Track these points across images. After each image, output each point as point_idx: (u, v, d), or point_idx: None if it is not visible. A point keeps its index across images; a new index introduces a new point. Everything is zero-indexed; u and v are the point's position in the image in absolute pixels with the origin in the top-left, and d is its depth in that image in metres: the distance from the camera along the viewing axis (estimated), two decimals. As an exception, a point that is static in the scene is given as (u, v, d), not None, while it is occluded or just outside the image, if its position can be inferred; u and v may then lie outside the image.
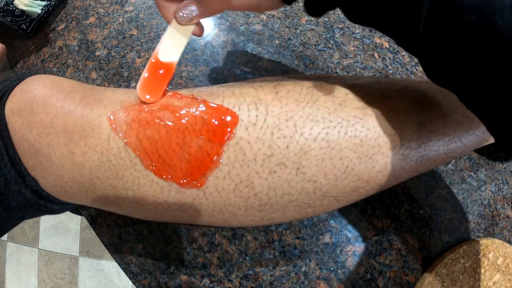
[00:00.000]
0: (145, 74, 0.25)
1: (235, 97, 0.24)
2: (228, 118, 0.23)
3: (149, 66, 0.25)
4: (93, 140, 0.23)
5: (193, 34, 0.28)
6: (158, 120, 0.23)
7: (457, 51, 0.17)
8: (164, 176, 0.22)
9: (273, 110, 0.23)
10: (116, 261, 0.34)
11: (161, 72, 0.25)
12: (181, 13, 0.25)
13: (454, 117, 0.26)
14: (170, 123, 0.22)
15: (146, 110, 0.23)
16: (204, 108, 0.23)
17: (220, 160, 0.22)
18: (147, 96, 0.24)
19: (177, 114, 0.23)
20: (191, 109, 0.23)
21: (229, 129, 0.22)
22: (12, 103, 0.24)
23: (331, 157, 0.23)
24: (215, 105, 0.23)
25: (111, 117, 0.23)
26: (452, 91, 0.20)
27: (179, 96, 0.24)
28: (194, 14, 0.25)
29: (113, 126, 0.23)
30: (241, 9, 0.25)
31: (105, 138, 0.23)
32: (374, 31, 0.42)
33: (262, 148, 0.22)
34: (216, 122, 0.22)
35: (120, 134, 0.23)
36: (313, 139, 0.23)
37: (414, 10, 0.17)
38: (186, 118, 0.23)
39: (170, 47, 0.26)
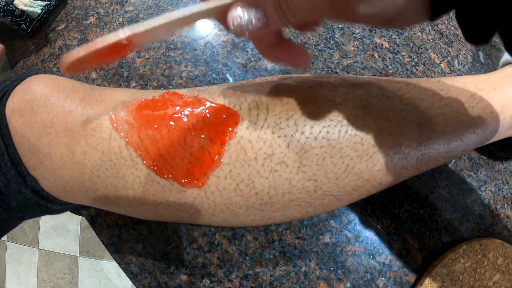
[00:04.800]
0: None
1: (236, 96, 0.24)
2: (229, 117, 0.23)
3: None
4: (94, 139, 0.23)
5: (295, 66, 0.20)
6: (159, 120, 0.23)
7: None
8: (165, 176, 0.22)
9: (274, 109, 0.23)
10: (116, 261, 0.34)
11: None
12: (235, 16, 0.17)
13: (454, 115, 0.26)
14: (171, 123, 0.22)
15: (147, 109, 0.23)
16: (205, 108, 0.23)
17: (222, 160, 0.22)
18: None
19: (178, 114, 0.23)
20: (192, 109, 0.23)
21: (230, 129, 0.22)
22: (13, 102, 0.24)
23: (332, 155, 0.23)
24: (216, 105, 0.23)
25: (113, 116, 0.23)
26: None
27: (180, 96, 0.24)
28: (257, 24, 0.17)
29: (115, 125, 0.23)
30: (360, 23, 0.17)
31: (106, 137, 0.23)
32: (374, 31, 0.42)
33: (263, 147, 0.22)
34: (217, 122, 0.23)
35: (122, 134, 0.23)
36: (313, 138, 0.23)
37: None
38: (187, 118, 0.23)
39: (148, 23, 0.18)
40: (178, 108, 0.23)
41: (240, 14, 0.17)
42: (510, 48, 0.16)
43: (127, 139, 0.23)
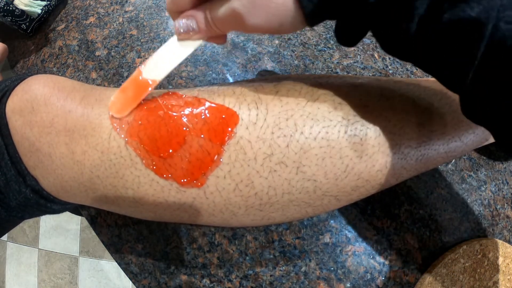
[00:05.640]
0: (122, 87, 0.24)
1: (235, 96, 0.24)
2: (229, 117, 0.23)
3: (129, 79, 0.24)
4: (94, 139, 0.23)
5: (215, 42, 0.26)
6: (159, 119, 0.23)
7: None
8: (164, 175, 0.22)
9: (273, 109, 0.23)
10: (116, 261, 0.34)
11: (135, 89, 0.24)
12: (177, 24, 0.23)
13: (454, 115, 0.26)
14: (171, 122, 0.22)
15: (147, 109, 0.23)
16: (204, 108, 0.23)
17: (221, 160, 0.22)
18: (112, 113, 0.23)
19: (178, 114, 0.23)
20: (192, 109, 0.23)
21: (229, 129, 0.22)
22: (13, 102, 0.24)
23: (331, 156, 0.23)
24: (215, 105, 0.23)
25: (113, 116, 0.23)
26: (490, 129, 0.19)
27: (179, 96, 0.24)
28: (191, 29, 0.23)
29: (114, 125, 0.23)
30: (256, 32, 0.22)
31: (105, 137, 0.23)
32: (374, 31, 0.42)
33: (262, 147, 0.22)
34: (216, 121, 0.23)
35: (121, 133, 0.23)
36: (313, 138, 0.23)
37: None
38: (187, 118, 0.23)
39: (161, 61, 0.24)
40: (177, 108, 0.23)
41: (177, 23, 0.23)
42: (384, 47, 0.20)
43: (126, 139, 0.23)
